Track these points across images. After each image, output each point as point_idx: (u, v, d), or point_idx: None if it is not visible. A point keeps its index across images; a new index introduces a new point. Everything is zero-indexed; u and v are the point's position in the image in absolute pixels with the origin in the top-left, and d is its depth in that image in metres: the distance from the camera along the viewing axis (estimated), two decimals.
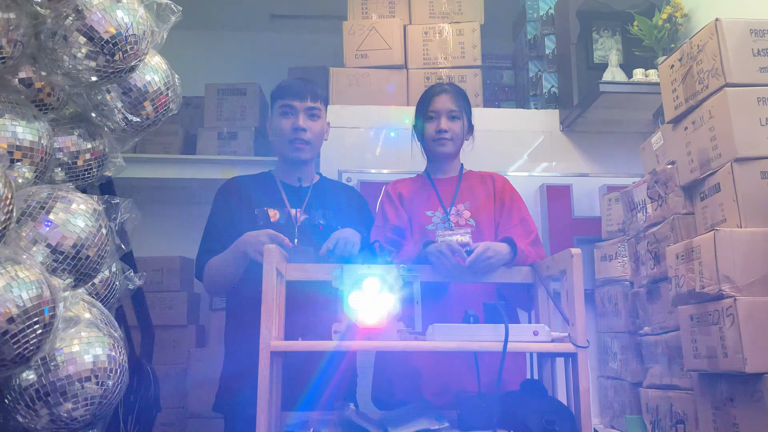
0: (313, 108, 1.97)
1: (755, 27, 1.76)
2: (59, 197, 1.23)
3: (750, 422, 1.57)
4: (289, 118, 1.95)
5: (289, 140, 1.96)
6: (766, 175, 1.67)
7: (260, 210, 1.96)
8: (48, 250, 1.17)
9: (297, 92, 1.96)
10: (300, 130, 1.94)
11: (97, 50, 1.29)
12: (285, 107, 1.96)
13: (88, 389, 1.18)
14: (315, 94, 1.99)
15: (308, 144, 1.97)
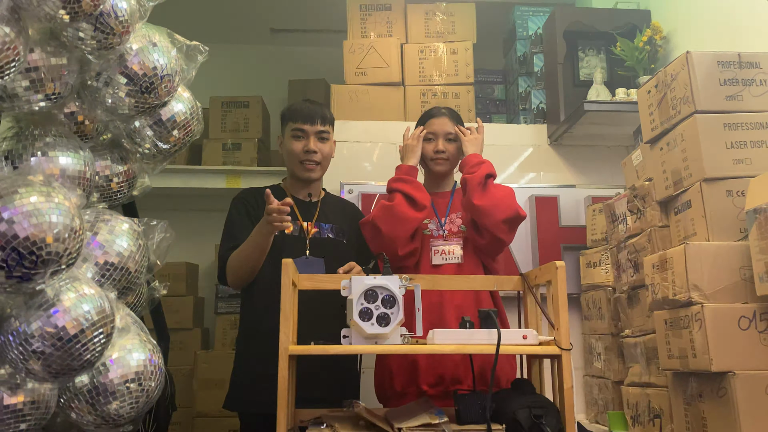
0: (322, 131, 2.12)
1: (722, 59, 1.94)
2: (104, 220, 1.39)
3: (716, 416, 1.75)
4: (301, 141, 2.11)
5: (300, 161, 2.11)
6: (731, 193, 1.85)
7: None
8: (96, 268, 1.33)
9: (308, 117, 2.11)
10: (311, 153, 2.10)
11: (136, 89, 1.45)
12: (296, 131, 2.11)
13: (133, 390, 1.34)
14: (324, 117, 2.15)
15: (318, 164, 2.13)
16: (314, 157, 2.11)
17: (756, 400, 1.67)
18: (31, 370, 1.07)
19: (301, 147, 2.10)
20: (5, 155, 1.34)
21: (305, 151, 2.10)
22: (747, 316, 1.72)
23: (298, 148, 2.11)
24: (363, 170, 3.03)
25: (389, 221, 2.03)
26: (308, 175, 2.13)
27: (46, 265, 1.01)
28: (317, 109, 2.17)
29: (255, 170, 3.75)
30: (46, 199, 1.01)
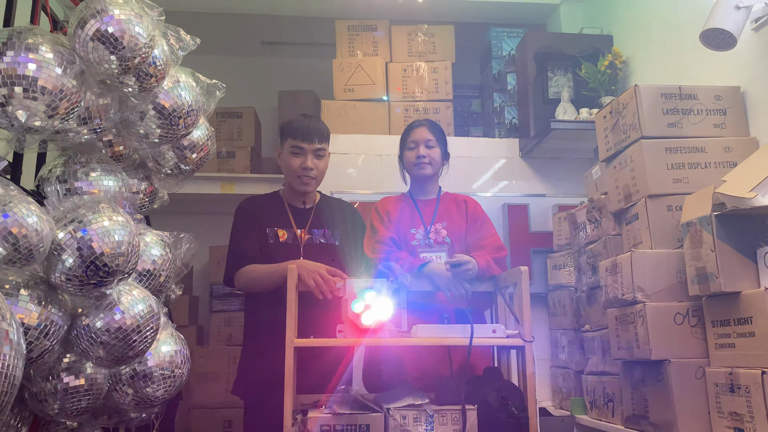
0: (319, 149, 2.30)
1: (665, 91, 2.25)
2: (141, 233, 1.64)
3: (656, 398, 2.06)
4: (299, 158, 2.29)
5: (297, 176, 2.31)
6: (671, 208, 2.16)
7: (271, 229, 2.31)
8: (135, 274, 1.59)
9: (306, 135, 2.28)
10: (308, 170, 2.29)
11: (165, 122, 1.70)
12: (295, 148, 2.29)
13: (166, 376, 1.60)
14: (322, 135, 2.32)
15: (314, 179, 2.33)
16: (311, 174, 2.30)
17: (688, 383, 1.98)
18: (98, 358, 1.32)
19: (299, 164, 2.29)
20: (58, 179, 1.59)
21: (303, 167, 2.28)
22: (681, 312, 2.03)
23: (296, 165, 2.29)
24: (350, 179, 3.29)
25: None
26: (304, 189, 2.34)
27: (114, 275, 1.26)
28: (315, 127, 2.33)
29: (248, 177, 3.98)
30: (113, 221, 1.26)
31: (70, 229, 1.22)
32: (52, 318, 1.23)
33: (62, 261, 1.21)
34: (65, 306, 1.29)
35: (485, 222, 2.46)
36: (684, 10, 2.69)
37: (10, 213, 1.10)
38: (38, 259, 1.17)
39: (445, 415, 1.87)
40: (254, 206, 2.40)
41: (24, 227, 1.10)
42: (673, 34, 2.78)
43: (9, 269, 1.14)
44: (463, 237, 2.44)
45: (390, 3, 3.50)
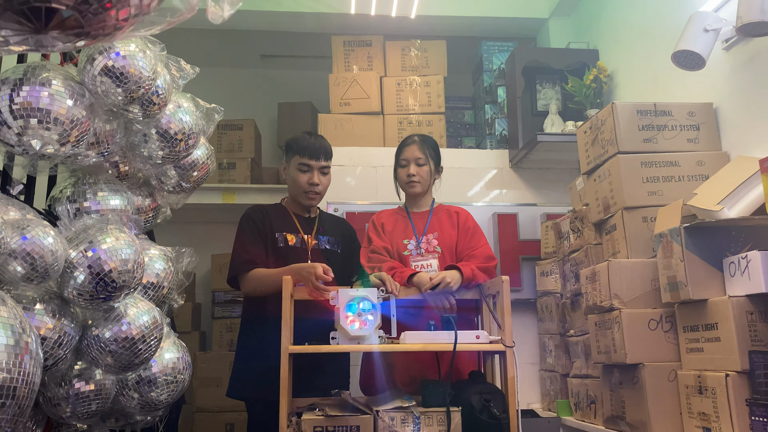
0: (324, 167, 2.46)
1: (641, 108, 2.37)
2: (145, 248, 1.77)
3: (632, 399, 2.18)
4: (306, 174, 2.43)
5: (304, 191, 2.45)
6: (646, 219, 2.28)
7: (280, 234, 2.44)
8: (140, 287, 1.72)
9: (313, 154, 2.43)
10: (315, 185, 2.44)
11: (167, 144, 1.83)
12: (303, 165, 2.43)
13: (168, 381, 1.72)
14: (327, 153, 2.48)
15: (319, 194, 2.47)
16: (317, 189, 2.45)
17: (661, 385, 2.10)
18: (106, 365, 1.45)
19: (306, 180, 2.43)
20: (68, 199, 1.72)
21: (310, 183, 2.43)
22: (655, 318, 2.15)
23: (304, 181, 2.43)
24: (347, 191, 3.41)
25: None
26: (310, 203, 2.49)
27: (121, 290, 1.38)
28: (321, 145, 2.48)
29: (248, 187, 4.12)
30: (120, 240, 1.39)
31: (81, 249, 1.35)
32: (65, 329, 1.35)
33: (74, 278, 1.34)
34: (77, 318, 1.41)
35: (476, 233, 2.57)
36: (664, 27, 2.81)
37: (28, 236, 1.22)
38: (53, 277, 1.29)
39: (431, 416, 1.99)
40: (261, 213, 2.52)
41: (41, 248, 1.23)
42: (653, 50, 2.90)
43: (27, 286, 1.26)
44: (453, 247, 2.56)
45: (384, 19, 3.63)
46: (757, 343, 1.81)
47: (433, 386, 2.07)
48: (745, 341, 1.81)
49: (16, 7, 0.54)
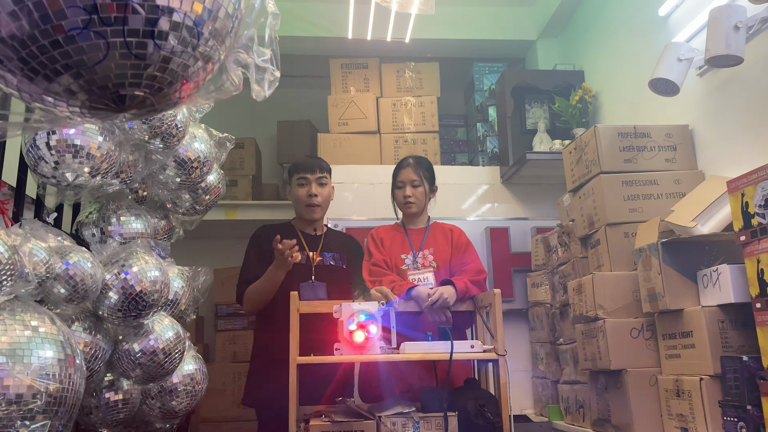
0: (321, 177, 2.64)
1: (622, 131, 2.54)
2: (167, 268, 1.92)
3: (617, 403, 2.33)
4: (305, 187, 2.61)
5: (305, 204, 2.61)
6: (628, 235, 2.45)
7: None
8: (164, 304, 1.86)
9: (309, 167, 2.63)
10: (313, 196, 2.60)
11: (183, 171, 1.99)
12: (301, 179, 2.62)
13: (187, 391, 1.87)
14: (322, 167, 2.66)
15: (319, 206, 2.63)
16: (316, 200, 2.61)
17: (643, 390, 2.25)
18: (135, 376, 1.59)
19: (305, 192, 2.61)
20: (94, 223, 1.87)
21: (308, 195, 2.60)
22: (637, 327, 2.31)
23: (303, 194, 2.61)
24: (346, 207, 3.57)
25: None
26: (312, 216, 2.65)
27: (150, 308, 1.53)
28: (316, 161, 2.69)
29: (250, 204, 4.27)
30: (148, 263, 1.54)
31: (114, 272, 1.50)
32: (99, 344, 1.50)
33: (108, 298, 1.48)
34: (109, 334, 1.56)
35: (468, 249, 2.73)
36: (645, 51, 2.98)
37: (70, 261, 1.37)
38: (91, 298, 1.44)
39: (429, 421, 2.14)
40: (268, 233, 2.68)
41: (82, 272, 1.38)
42: (635, 72, 3.08)
43: (68, 306, 1.41)
44: (448, 262, 2.72)
45: (380, 43, 3.79)
46: (728, 349, 1.97)
47: (431, 393, 2.21)
48: (717, 347, 1.97)
49: (108, 96, 0.69)
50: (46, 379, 1.16)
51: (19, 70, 0.68)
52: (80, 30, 0.63)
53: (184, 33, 0.68)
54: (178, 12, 0.66)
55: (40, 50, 0.64)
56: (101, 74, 0.67)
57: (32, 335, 1.19)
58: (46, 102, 0.74)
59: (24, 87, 0.71)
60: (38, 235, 1.39)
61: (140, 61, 0.67)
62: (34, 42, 0.64)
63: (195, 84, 0.77)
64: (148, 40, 0.66)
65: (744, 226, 1.82)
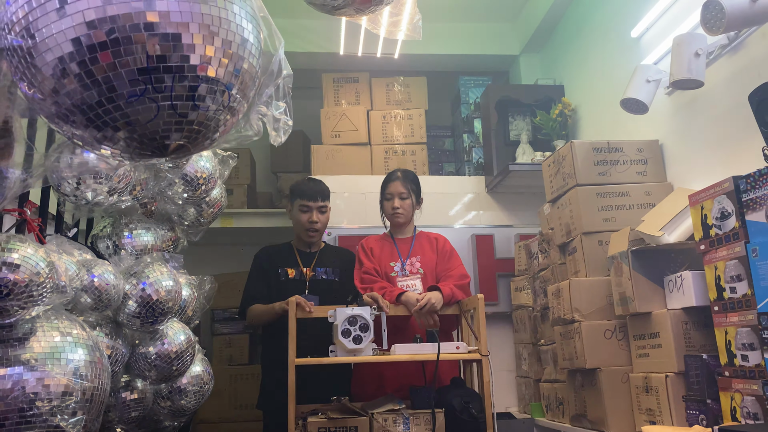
0: (322, 206, 2.85)
1: (596, 146, 2.73)
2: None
3: (592, 400, 2.51)
4: (306, 214, 2.83)
5: (305, 229, 2.83)
6: (602, 243, 2.63)
7: (282, 269, 2.84)
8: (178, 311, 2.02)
9: (312, 196, 2.83)
10: (313, 223, 2.82)
11: (189, 187, 2.14)
12: (303, 206, 2.83)
13: (195, 391, 2.03)
14: (324, 195, 2.87)
15: (318, 231, 2.86)
16: (316, 227, 2.84)
17: (616, 387, 2.43)
18: (150, 377, 1.75)
19: (307, 219, 2.82)
20: (108, 236, 2.02)
21: (309, 222, 2.82)
22: (610, 329, 2.49)
23: (305, 220, 2.83)
24: (338, 216, 3.73)
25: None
26: (310, 240, 2.88)
27: (165, 315, 1.68)
28: (319, 189, 2.88)
29: (245, 212, 4.42)
30: (164, 274, 1.69)
31: (133, 282, 1.66)
32: (119, 348, 1.65)
33: (128, 306, 1.64)
34: (127, 338, 1.71)
35: (452, 255, 2.91)
36: (619, 69, 3.18)
37: (95, 274, 1.52)
38: (113, 307, 1.60)
39: (418, 417, 2.31)
40: (269, 254, 2.94)
41: (106, 283, 1.53)
42: (610, 89, 3.27)
43: (91, 314, 1.56)
44: (434, 268, 2.89)
45: (370, 58, 3.97)
46: (690, 348, 2.16)
47: (419, 391, 2.39)
48: (681, 347, 2.16)
49: (154, 145, 0.85)
50: (80, 379, 1.32)
51: (84, 126, 0.84)
52: (137, 96, 0.80)
53: (218, 95, 0.85)
54: (214, 80, 0.83)
55: (104, 112, 0.81)
56: (151, 129, 0.83)
57: (66, 340, 1.34)
58: (100, 148, 0.91)
59: (84, 137, 0.87)
60: (66, 250, 1.55)
61: (183, 118, 0.84)
62: (100, 106, 0.80)
63: (223, 131, 0.93)
64: (190, 102, 0.82)
65: (703, 236, 2.01)
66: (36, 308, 1.30)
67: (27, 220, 1.55)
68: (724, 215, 1.91)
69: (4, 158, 1.07)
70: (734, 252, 1.85)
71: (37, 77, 0.80)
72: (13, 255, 1.24)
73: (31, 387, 1.23)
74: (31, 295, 1.23)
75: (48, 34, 0.78)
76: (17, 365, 1.26)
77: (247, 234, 4.60)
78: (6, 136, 1.04)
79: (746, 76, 2.23)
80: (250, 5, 0.89)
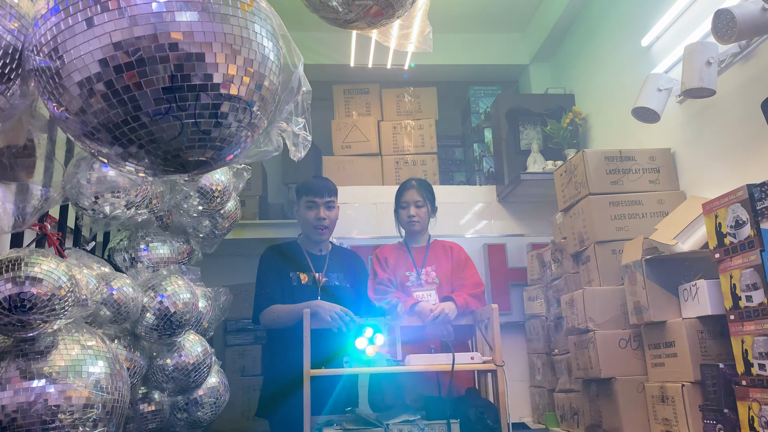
0: (329, 201, 2.76)
1: (608, 155, 2.73)
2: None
3: (608, 410, 2.50)
4: (313, 210, 2.74)
5: (313, 226, 2.74)
6: (615, 252, 2.63)
7: (294, 273, 2.74)
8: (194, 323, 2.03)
9: (318, 191, 2.75)
10: (321, 219, 2.73)
11: (204, 200, 2.17)
12: (309, 202, 2.75)
13: (212, 402, 2.04)
14: (330, 190, 2.78)
15: (327, 228, 2.76)
16: (324, 223, 2.74)
17: (631, 396, 2.42)
18: (168, 389, 1.76)
19: (314, 215, 2.74)
20: (125, 249, 2.05)
21: (317, 218, 2.73)
22: (624, 338, 2.48)
23: (312, 216, 2.74)
24: (350, 226, 3.75)
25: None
26: (320, 237, 2.79)
27: (183, 327, 1.70)
28: (324, 184, 2.81)
29: (257, 223, 4.45)
30: (180, 286, 1.71)
31: (150, 294, 1.68)
32: (137, 360, 1.67)
33: (146, 318, 1.66)
34: (145, 351, 1.73)
35: (467, 264, 2.90)
36: (630, 78, 3.18)
37: (114, 287, 1.54)
38: (132, 319, 1.61)
39: (433, 428, 2.30)
40: (277, 254, 2.84)
41: (125, 296, 1.55)
42: (621, 98, 3.27)
43: (110, 326, 1.58)
44: (449, 277, 2.89)
45: (380, 70, 4.00)
46: (706, 357, 2.15)
47: (434, 402, 2.38)
48: (697, 356, 2.15)
49: (177, 162, 0.87)
50: (100, 391, 1.34)
51: (110, 144, 0.86)
52: (162, 115, 0.81)
53: (240, 113, 0.87)
54: (236, 96, 0.85)
55: (130, 130, 0.83)
56: (175, 146, 0.85)
57: (87, 353, 1.36)
58: (124, 165, 0.92)
59: (111, 155, 0.89)
60: (85, 263, 1.57)
61: (206, 135, 0.85)
62: (126, 125, 0.82)
63: (244, 148, 0.95)
64: (213, 119, 0.84)
65: (718, 244, 2.00)
66: (58, 322, 1.31)
67: (47, 234, 1.57)
68: (739, 223, 1.90)
69: (29, 175, 1.09)
70: (749, 260, 1.84)
71: (65, 97, 0.82)
72: (35, 269, 1.26)
73: (53, 399, 1.25)
74: (53, 309, 1.25)
75: (76, 56, 0.80)
76: (39, 378, 1.28)
77: (260, 245, 4.60)
78: (31, 155, 1.07)
79: (758, 84, 2.23)
80: (270, 24, 0.90)
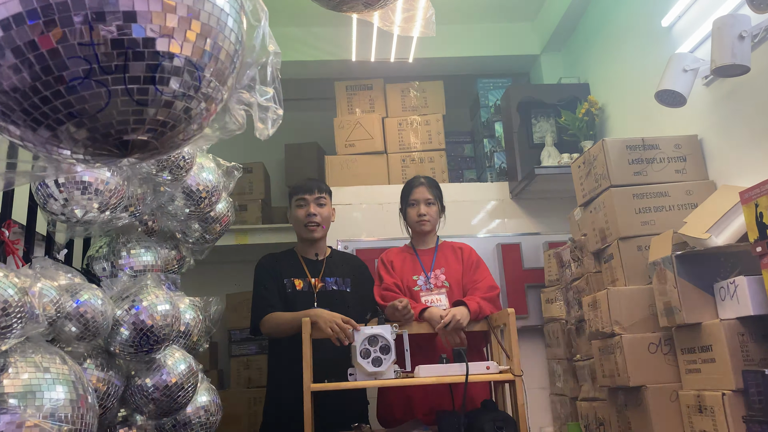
0: (319, 197, 2.63)
1: (630, 144, 2.52)
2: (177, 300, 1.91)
3: (638, 420, 2.29)
4: (303, 208, 2.61)
5: (304, 224, 2.61)
6: (641, 248, 2.42)
7: (288, 280, 2.59)
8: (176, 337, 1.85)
9: (307, 188, 2.63)
10: (311, 215, 2.60)
11: (192, 201, 1.99)
12: (299, 200, 2.62)
13: (202, 423, 1.85)
14: (320, 187, 2.66)
15: (318, 225, 2.61)
16: (315, 219, 2.61)
17: (664, 406, 2.21)
18: (148, 411, 1.58)
19: (304, 213, 2.61)
20: (104, 257, 1.87)
21: (307, 215, 2.60)
22: (654, 342, 2.27)
23: (302, 214, 2.61)
24: (355, 228, 3.56)
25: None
26: (312, 235, 2.63)
27: (162, 342, 1.52)
28: (314, 182, 2.70)
29: (260, 228, 4.27)
30: (159, 297, 1.53)
31: (125, 307, 1.50)
32: (112, 381, 1.49)
33: (120, 334, 1.48)
34: (122, 370, 1.55)
35: (479, 266, 2.71)
36: (649, 62, 2.97)
37: (81, 299, 1.37)
38: (103, 335, 1.44)
39: None
40: (272, 261, 2.69)
41: (93, 310, 1.37)
42: (640, 84, 3.06)
43: (79, 344, 1.40)
44: (460, 280, 2.70)
45: (383, 63, 3.81)
46: (749, 362, 1.93)
47: (448, 416, 2.18)
48: (739, 361, 1.93)
49: (111, 142, 0.69)
50: (58, 421, 1.16)
51: (22, 120, 0.68)
52: (81, 80, 0.63)
53: (186, 76, 0.68)
54: (179, 56, 0.66)
55: (42, 101, 0.65)
56: (103, 121, 0.67)
57: (44, 377, 1.18)
58: (51, 150, 0.74)
59: (28, 137, 0.71)
60: (48, 274, 1.39)
61: (142, 107, 0.67)
62: (36, 93, 0.64)
63: (198, 125, 0.76)
64: (150, 85, 0.66)
65: (760, 236, 1.79)
66: (6, 341, 1.14)
67: (5, 241, 1.40)
68: None
69: None
70: None
71: None
72: None
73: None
74: None
75: None
76: None
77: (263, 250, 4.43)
78: None
79: None
80: None
